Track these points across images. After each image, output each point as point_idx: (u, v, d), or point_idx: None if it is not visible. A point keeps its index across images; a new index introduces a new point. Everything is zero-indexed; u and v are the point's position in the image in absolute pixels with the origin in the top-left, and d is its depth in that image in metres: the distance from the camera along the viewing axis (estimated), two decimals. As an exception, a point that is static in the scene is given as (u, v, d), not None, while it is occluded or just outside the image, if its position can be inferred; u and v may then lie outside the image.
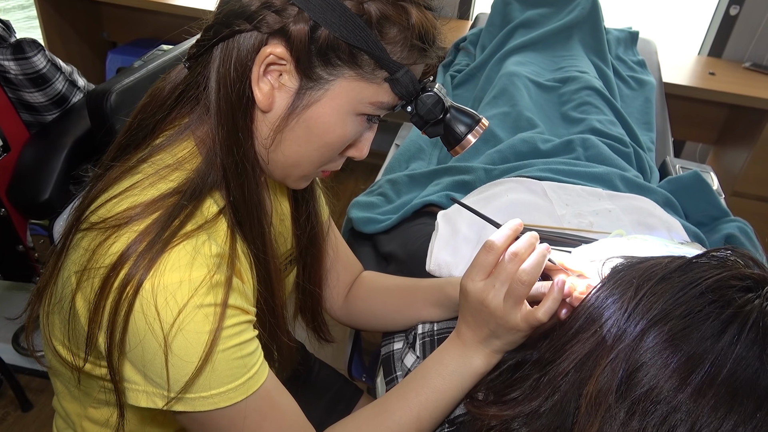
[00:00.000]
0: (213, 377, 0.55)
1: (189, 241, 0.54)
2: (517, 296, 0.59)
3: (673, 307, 0.51)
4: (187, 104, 0.61)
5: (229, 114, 0.56)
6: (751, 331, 0.48)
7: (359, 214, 1.08)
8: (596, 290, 0.57)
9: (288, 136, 0.58)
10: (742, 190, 2.08)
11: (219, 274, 0.54)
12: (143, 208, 0.54)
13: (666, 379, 0.48)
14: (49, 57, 1.31)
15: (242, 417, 0.58)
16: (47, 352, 0.67)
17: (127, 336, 0.53)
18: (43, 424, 1.57)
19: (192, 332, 0.53)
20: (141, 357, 0.54)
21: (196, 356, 0.53)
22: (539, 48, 1.58)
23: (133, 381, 0.56)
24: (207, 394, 0.55)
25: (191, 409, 0.55)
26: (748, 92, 1.96)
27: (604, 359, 0.51)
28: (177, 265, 0.52)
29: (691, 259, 0.54)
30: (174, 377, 0.53)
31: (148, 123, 0.62)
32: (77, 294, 0.56)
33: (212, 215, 0.58)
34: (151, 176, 0.57)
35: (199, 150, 0.60)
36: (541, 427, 0.53)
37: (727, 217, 1.12)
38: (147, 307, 0.51)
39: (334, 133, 0.58)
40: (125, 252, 0.52)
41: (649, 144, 1.43)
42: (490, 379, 0.62)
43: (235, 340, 0.56)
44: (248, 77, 0.55)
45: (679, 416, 0.47)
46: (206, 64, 0.58)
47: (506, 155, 1.15)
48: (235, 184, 0.59)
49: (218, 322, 0.54)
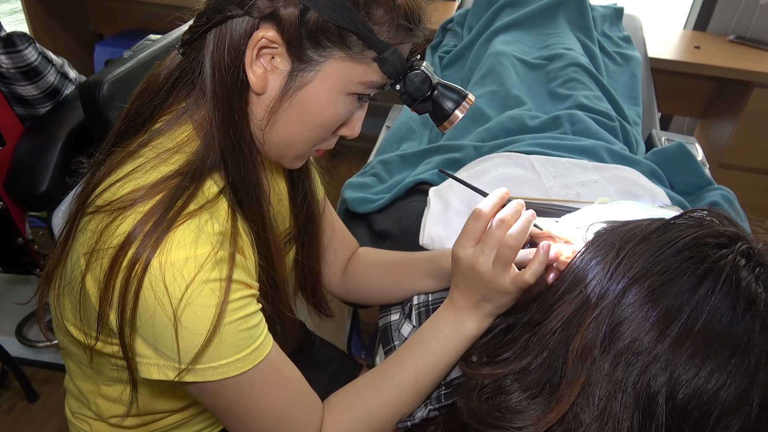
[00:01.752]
0: (221, 348, 0.57)
1: (192, 220, 0.56)
2: (505, 260, 0.62)
3: (652, 265, 0.54)
4: (183, 89, 0.63)
5: (224, 97, 0.58)
6: (725, 284, 0.51)
7: (353, 194, 1.10)
8: (581, 253, 0.60)
9: (282, 117, 0.61)
10: (729, 162, 2.12)
11: (222, 250, 0.57)
12: (147, 190, 0.56)
13: (646, 332, 0.51)
14: (40, 50, 1.32)
15: (250, 385, 0.60)
16: (59, 334, 0.69)
17: (138, 312, 0.55)
18: (50, 413, 1.60)
19: (200, 306, 0.55)
20: (152, 332, 0.56)
21: (205, 329, 0.56)
22: (525, 26, 1.60)
23: (145, 355, 0.58)
24: (216, 365, 0.57)
25: (201, 379, 0.58)
26: (733, 65, 1.99)
27: (589, 316, 0.54)
28: (182, 243, 0.55)
29: (670, 220, 0.57)
30: (184, 349, 0.56)
31: (146, 109, 0.64)
32: (87, 275, 0.58)
33: (213, 195, 0.60)
34: (153, 159, 0.59)
35: (197, 133, 0.62)
36: (531, 383, 0.56)
37: (711, 185, 1.15)
38: (156, 283, 0.54)
39: (327, 112, 0.61)
40: (132, 232, 0.54)
41: (636, 118, 1.46)
42: (483, 342, 0.65)
43: (241, 313, 0.59)
44: (242, 61, 0.57)
45: (659, 365, 0.50)
46: (200, 50, 0.59)
47: (495, 132, 1.18)
48: (233, 165, 0.61)
49: (224, 296, 0.56)
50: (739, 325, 0.50)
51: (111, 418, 0.74)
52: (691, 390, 0.49)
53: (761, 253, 0.54)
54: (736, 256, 0.53)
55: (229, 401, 0.61)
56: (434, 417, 0.66)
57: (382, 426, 0.67)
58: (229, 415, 0.62)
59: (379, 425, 0.67)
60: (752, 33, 2.21)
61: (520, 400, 0.55)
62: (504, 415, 0.55)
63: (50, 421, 1.58)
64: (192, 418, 0.80)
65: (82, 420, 0.78)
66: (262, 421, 0.63)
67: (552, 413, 0.53)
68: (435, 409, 0.65)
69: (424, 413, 0.65)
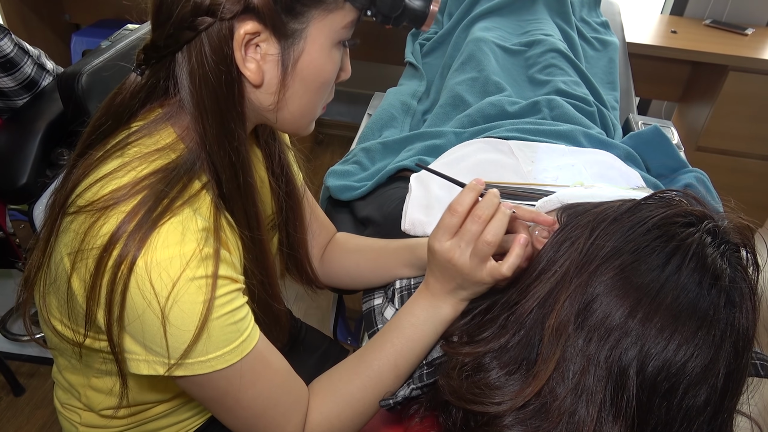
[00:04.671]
0: (209, 343, 0.58)
1: (176, 218, 0.56)
2: (482, 255, 0.63)
3: (623, 244, 0.56)
4: (155, 102, 0.63)
5: (216, 111, 0.59)
6: (692, 261, 0.53)
7: (336, 182, 1.11)
8: (555, 235, 0.62)
9: (289, 95, 0.62)
10: (705, 145, 2.16)
11: (207, 247, 0.57)
12: (129, 189, 0.56)
13: (617, 308, 0.53)
14: (15, 41, 1.30)
15: (238, 376, 0.61)
16: (46, 331, 0.70)
17: (126, 312, 0.56)
18: (37, 407, 1.60)
19: (187, 303, 0.56)
20: (140, 330, 0.57)
21: (193, 325, 0.56)
22: (505, 13, 1.61)
23: (134, 352, 0.59)
24: (205, 359, 0.58)
25: (191, 373, 0.59)
26: (709, 48, 2.02)
27: (563, 295, 0.56)
28: (167, 242, 0.55)
29: (640, 201, 0.59)
30: (173, 346, 0.57)
31: (119, 114, 0.63)
32: (72, 275, 0.58)
33: (195, 190, 0.60)
34: (136, 159, 0.59)
35: (183, 141, 0.62)
36: (509, 360, 0.58)
37: (685, 168, 1.18)
38: (142, 283, 0.54)
39: (326, 70, 0.62)
40: (116, 232, 0.54)
41: (613, 103, 1.48)
42: (463, 323, 0.67)
43: (228, 308, 0.59)
44: (232, 65, 0.57)
45: (629, 340, 0.52)
46: (166, 70, 0.59)
47: (475, 119, 1.19)
48: (227, 175, 0.61)
49: (211, 292, 0.57)
50: (706, 299, 0.53)
51: (103, 410, 0.75)
52: (660, 362, 0.52)
53: (726, 230, 0.56)
54: (702, 234, 0.55)
55: (217, 392, 0.62)
56: (417, 396, 0.68)
57: (365, 408, 0.69)
58: (218, 405, 0.64)
59: (362, 408, 0.69)
60: (727, 17, 2.25)
61: (499, 376, 0.57)
62: (483, 392, 0.57)
63: (37, 414, 1.58)
64: (180, 407, 0.81)
65: (71, 410, 0.79)
66: (250, 409, 0.64)
67: (529, 388, 0.55)
68: (417, 388, 0.67)
69: (406, 392, 0.67)
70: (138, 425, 0.79)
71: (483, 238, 0.62)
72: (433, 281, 0.69)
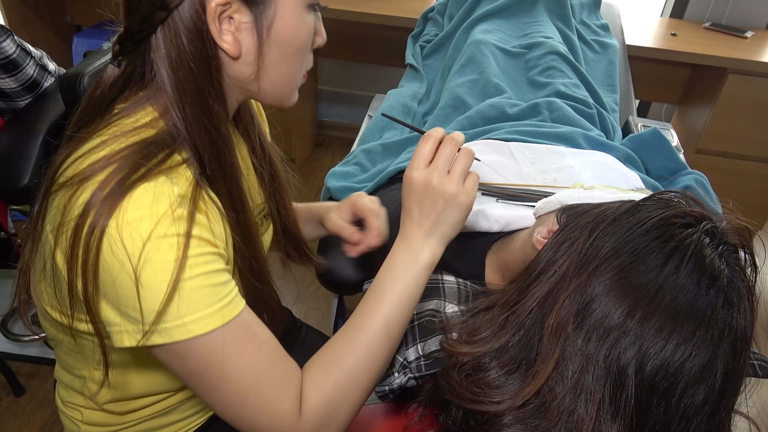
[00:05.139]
0: (184, 304, 0.56)
1: (150, 182, 0.56)
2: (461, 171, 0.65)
3: (622, 245, 0.56)
4: (133, 88, 0.64)
5: (194, 89, 0.59)
6: (690, 262, 0.54)
7: (336, 183, 1.12)
8: (555, 235, 0.62)
9: (268, 62, 0.63)
10: (705, 147, 2.16)
11: (181, 208, 0.57)
12: (105, 161, 0.57)
13: (616, 308, 0.54)
14: (18, 42, 1.30)
15: (221, 345, 0.58)
16: (44, 322, 0.71)
17: (101, 277, 0.56)
18: (37, 407, 1.60)
19: (158, 261, 0.55)
20: (116, 295, 0.56)
21: (164, 284, 0.55)
22: (505, 15, 1.61)
23: (114, 323, 0.58)
24: (181, 322, 0.56)
25: (169, 339, 0.57)
26: (708, 51, 2.03)
27: (563, 295, 0.57)
28: (138, 204, 0.55)
29: (639, 202, 0.60)
30: (147, 308, 0.55)
31: (100, 104, 0.64)
32: (56, 251, 0.58)
33: (174, 163, 0.60)
34: (115, 136, 0.59)
35: (162, 119, 0.62)
36: (508, 359, 0.59)
37: (684, 170, 1.18)
38: (114, 244, 0.54)
39: (301, 34, 0.63)
40: (90, 200, 0.54)
41: (613, 105, 1.49)
42: (462, 321, 0.68)
43: (203, 269, 0.58)
44: (209, 40, 0.58)
45: (628, 339, 0.53)
46: (142, 55, 0.60)
47: (475, 120, 1.20)
48: (210, 154, 0.62)
49: (183, 250, 0.56)
50: (704, 300, 0.53)
51: (106, 404, 0.75)
52: (658, 362, 0.52)
53: (725, 231, 0.57)
54: (700, 235, 0.55)
55: (200, 363, 0.59)
56: (415, 392, 0.68)
57: (362, 377, 0.66)
58: (202, 380, 0.60)
59: (359, 376, 0.65)
60: (727, 20, 2.26)
61: (498, 376, 0.58)
62: (483, 391, 0.58)
63: (38, 414, 1.58)
64: (181, 404, 0.81)
65: (73, 408, 0.79)
66: (236, 383, 0.60)
67: (528, 387, 0.55)
68: (413, 378, 0.67)
69: (402, 380, 0.67)
70: (139, 423, 0.79)
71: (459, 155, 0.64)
72: (409, 224, 0.67)
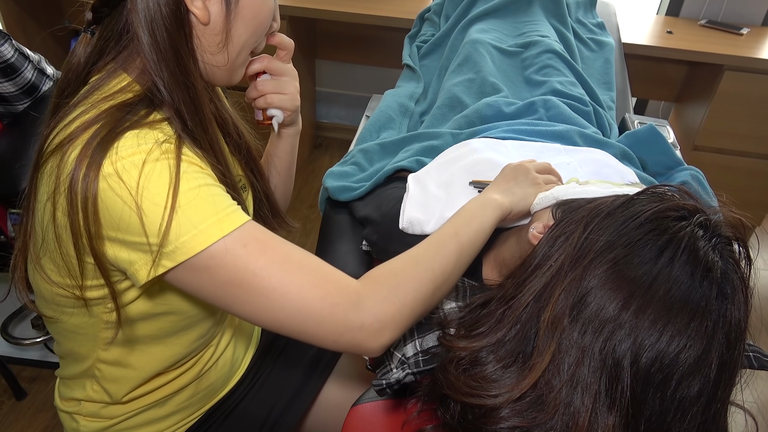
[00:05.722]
0: (192, 214, 0.57)
1: (135, 131, 0.60)
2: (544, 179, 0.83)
3: (617, 238, 0.57)
4: (109, 56, 0.66)
5: (170, 49, 0.63)
6: (683, 254, 0.54)
7: (334, 183, 1.12)
8: (550, 230, 0.63)
9: (232, 33, 0.66)
10: (703, 144, 2.17)
11: (168, 144, 0.60)
12: (89, 122, 0.60)
13: (611, 301, 0.54)
14: (16, 46, 1.31)
15: (243, 245, 0.58)
16: (47, 309, 0.71)
17: (104, 219, 0.58)
18: (39, 410, 1.60)
19: (156, 180, 0.57)
20: (126, 231, 0.58)
21: (169, 199, 0.57)
22: (501, 15, 1.62)
23: (132, 261, 0.59)
24: (196, 231, 0.57)
25: (191, 252, 0.57)
26: (704, 48, 2.03)
27: (559, 288, 0.57)
28: (127, 145, 0.58)
29: (633, 196, 0.60)
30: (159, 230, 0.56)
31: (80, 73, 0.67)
32: (57, 214, 0.60)
33: (156, 119, 0.63)
34: (95, 104, 0.62)
35: (137, 81, 0.65)
36: (505, 353, 0.59)
37: (681, 165, 1.18)
38: (111, 179, 0.57)
39: (263, 12, 0.69)
40: (80, 155, 0.57)
41: (609, 103, 1.49)
42: (460, 317, 0.68)
43: (201, 181, 0.60)
44: (181, 3, 0.61)
45: (623, 332, 0.53)
46: (118, 18, 0.63)
47: (472, 119, 1.20)
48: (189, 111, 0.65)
49: (176, 166, 0.59)
50: (698, 291, 0.54)
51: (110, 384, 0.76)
52: (653, 354, 0.53)
53: (718, 224, 0.57)
54: (694, 228, 0.56)
55: (228, 270, 0.58)
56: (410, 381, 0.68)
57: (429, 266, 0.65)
58: (237, 288, 0.58)
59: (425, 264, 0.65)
60: (723, 17, 2.26)
61: (495, 369, 0.58)
62: (480, 385, 0.58)
63: (39, 417, 1.58)
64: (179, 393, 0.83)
65: (71, 402, 0.81)
66: (273, 277, 0.58)
67: (525, 380, 0.56)
68: (412, 374, 0.67)
69: (400, 375, 0.67)
70: (137, 413, 0.80)
71: None
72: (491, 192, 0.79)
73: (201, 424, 0.88)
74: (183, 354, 0.79)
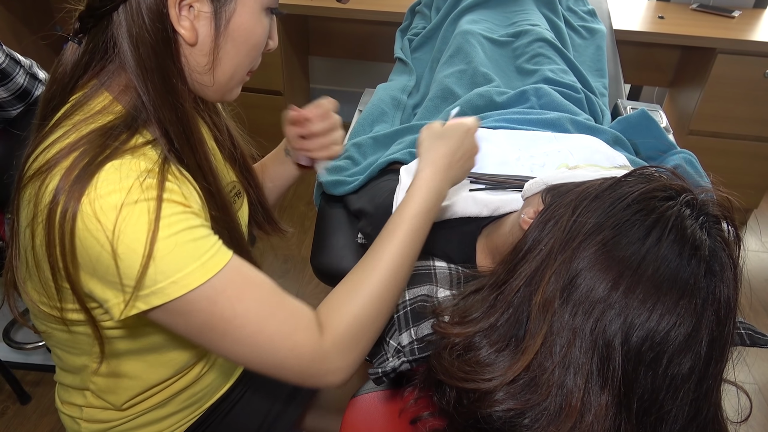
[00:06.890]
0: (172, 261, 0.57)
1: (116, 161, 0.58)
2: None
3: (605, 220, 0.57)
4: (95, 69, 0.65)
5: (155, 67, 0.61)
6: (671, 233, 0.55)
7: (328, 177, 1.12)
8: (540, 215, 0.63)
9: (221, 54, 0.65)
10: (698, 128, 2.17)
11: (150, 179, 0.58)
12: (69, 148, 0.58)
13: (601, 281, 0.55)
14: (7, 51, 1.31)
15: (219, 292, 0.59)
16: (37, 322, 0.72)
17: (81, 256, 0.57)
18: (43, 414, 1.61)
19: (134, 226, 0.55)
20: (101, 271, 0.57)
21: (145, 246, 0.55)
22: (491, 5, 1.62)
23: (107, 299, 0.59)
24: (175, 278, 0.57)
25: (167, 298, 0.57)
26: (696, 32, 2.03)
27: (549, 272, 0.58)
28: (107, 181, 0.56)
29: (620, 178, 0.61)
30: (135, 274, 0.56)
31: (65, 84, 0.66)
32: (35, 242, 0.60)
33: (138, 143, 0.62)
34: (76, 125, 0.60)
35: (119, 100, 0.64)
36: (498, 338, 0.60)
37: (674, 149, 1.19)
38: (88, 220, 0.55)
39: (256, 33, 0.67)
40: (59, 186, 0.56)
41: (602, 89, 1.49)
42: (454, 304, 0.69)
43: (181, 225, 0.58)
44: (168, 23, 0.60)
45: (613, 312, 0.54)
46: (104, 31, 0.62)
47: (464, 110, 1.20)
48: (175, 130, 0.63)
49: (156, 212, 0.57)
50: (686, 269, 0.54)
51: (106, 394, 0.76)
52: (643, 332, 0.53)
53: (705, 203, 0.58)
54: (681, 207, 0.56)
55: (203, 315, 0.59)
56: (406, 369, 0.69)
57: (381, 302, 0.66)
58: (211, 332, 0.60)
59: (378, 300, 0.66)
60: (714, 0, 2.26)
61: (489, 354, 0.59)
62: (474, 369, 0.59)
63: (44, 421, 1.59)
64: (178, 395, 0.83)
65: (72, 407, 0.81)
66: (244, 327, 0.60)
67: (518, 363, 0.56)
68: (407, 361, 0.68)
69: (396, 364, 0.68)
70: (138, 416, 0.80)
71: None
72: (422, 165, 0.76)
73: (202, 421, 0.89)
74: (184, 362, 0.79)
